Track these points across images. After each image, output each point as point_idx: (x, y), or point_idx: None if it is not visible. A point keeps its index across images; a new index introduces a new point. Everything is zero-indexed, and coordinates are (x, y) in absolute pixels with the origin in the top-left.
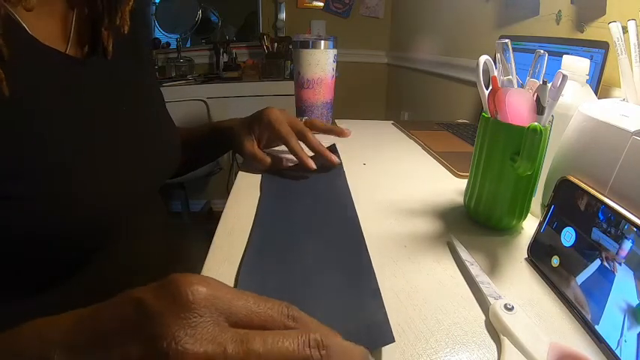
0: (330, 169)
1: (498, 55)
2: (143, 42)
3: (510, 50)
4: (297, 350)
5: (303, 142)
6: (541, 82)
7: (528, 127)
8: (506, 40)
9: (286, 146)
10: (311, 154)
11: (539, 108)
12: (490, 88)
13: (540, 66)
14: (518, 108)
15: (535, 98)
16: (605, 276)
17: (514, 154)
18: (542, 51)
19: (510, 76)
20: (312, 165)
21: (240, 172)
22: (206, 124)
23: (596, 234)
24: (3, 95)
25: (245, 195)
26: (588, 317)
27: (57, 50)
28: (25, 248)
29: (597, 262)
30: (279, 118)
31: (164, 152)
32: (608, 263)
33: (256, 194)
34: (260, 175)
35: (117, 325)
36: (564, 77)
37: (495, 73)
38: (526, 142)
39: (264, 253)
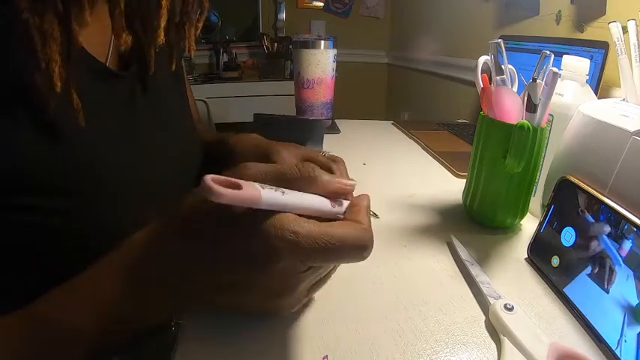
0: None
1: (491, 56)
2: (180, 55)
3: (503, 50)
4: None
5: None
6: (531, 80)
7: (516, 125)
8: (499, 40)
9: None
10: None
11: (531, 106)
12: (481, 87)
13: (547, 66)
14: (507, 106)
15: (527, 96)
16: (605, 276)
17: (505, 152)
18: (548, 52)
19: (504, 76)
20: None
21: None
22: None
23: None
24: (79, 126)
25: None
26: (588, 317)
27: (100, 61)
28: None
29: (597, 262)
30: (289, 158)
31: (188, 168)
32: (608, 263)
33: None
34: None
35: None
36: (555, 75)
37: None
38: (514, 140)
39: None
